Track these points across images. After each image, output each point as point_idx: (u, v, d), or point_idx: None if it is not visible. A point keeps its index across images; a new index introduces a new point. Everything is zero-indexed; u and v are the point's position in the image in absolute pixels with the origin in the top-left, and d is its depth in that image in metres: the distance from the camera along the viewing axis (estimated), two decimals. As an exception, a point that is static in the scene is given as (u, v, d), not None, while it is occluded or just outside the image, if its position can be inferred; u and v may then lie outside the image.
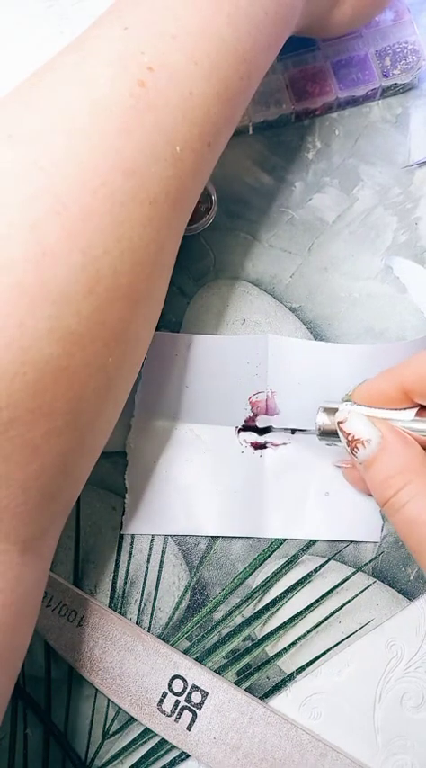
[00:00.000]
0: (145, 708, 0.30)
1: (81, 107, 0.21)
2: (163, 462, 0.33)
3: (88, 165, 0.21)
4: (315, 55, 0.36)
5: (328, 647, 0.32)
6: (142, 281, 0.23)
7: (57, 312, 0.20)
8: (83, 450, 0.24)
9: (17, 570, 0.23)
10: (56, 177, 0.20)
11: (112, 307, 0.22)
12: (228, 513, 0.32)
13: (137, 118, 0.22)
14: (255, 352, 0.33)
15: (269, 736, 0.30)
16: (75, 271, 0.21)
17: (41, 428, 0.21)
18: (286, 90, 0.35)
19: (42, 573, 0.25)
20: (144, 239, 0.23)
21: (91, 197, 0.21)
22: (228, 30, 0.24)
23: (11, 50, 0.38)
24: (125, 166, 0.22)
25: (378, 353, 0.32)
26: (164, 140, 0.23)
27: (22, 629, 0.24)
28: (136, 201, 0.22)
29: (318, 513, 0.32)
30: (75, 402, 0.22)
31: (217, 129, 0.25)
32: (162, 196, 0.23)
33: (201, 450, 0.33)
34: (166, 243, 0.24)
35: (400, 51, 0.35)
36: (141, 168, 0.22)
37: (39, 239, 0.20)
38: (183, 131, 0.23)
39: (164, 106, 0.23)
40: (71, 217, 0.20)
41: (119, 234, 0.22)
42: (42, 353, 0.20)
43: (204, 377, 0.33)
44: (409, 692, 0.31)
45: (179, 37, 0.23)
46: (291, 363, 0.33)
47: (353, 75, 0.35)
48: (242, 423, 0.33)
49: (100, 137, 0.21)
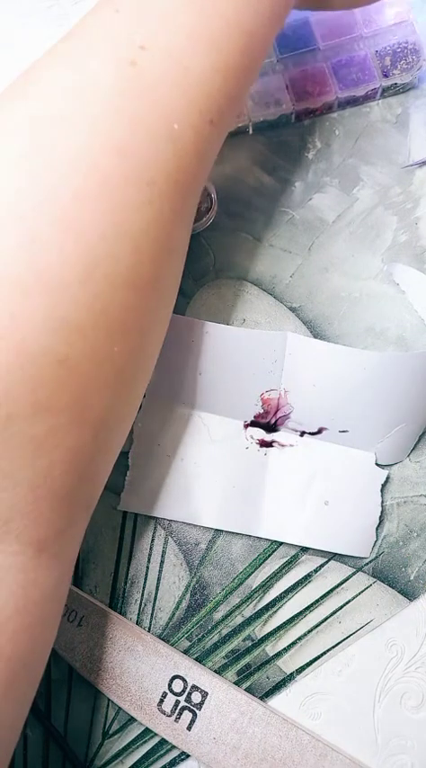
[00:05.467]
0: (145, 708, 0.30)
1: (68, 91, 0.21)
2: (167, 446, 0.33)
3: (78, 149, 0.20)
4: (315, 55, 0.36)
5: (328, 647, 0.32)
6: (145, 267, 0.22)
7: (53, 301, 0.20)
8: (95, 448, 0.23)
9: (31, 573, 0.22)
10: (44, 163, 0.20)
11: (114, 294, 0.21)
12: (225, 507, 0.32)
13: (129, 97, 0.21)
14: (272, 349, 0.32)
15: (269, 736, 0.30)
16: (69, 257, 0.20)
17: (44, 423, 0.20)
18: (286, 90, 0.35)
19: (61, 577, 0.24)
20: (144, 223, 0.22)
21: (82, 180, 0.20)
22: (226, 2, 0.23)
23: (11, 50, 0.38)
24: (118, 147, 0.21)
25: (398, 363, 0.31)
26: (160, 118, 0.22)
27: (40, 634, 0.23)
28: (132, 183, 0.21)
29: (314, 522, 0.32)
30: (79, 395, 0.21)
31: (218, 106, 0.24)
32: (161, 177, 0.22)
33: (207, 440, 0.33)
34: (171, 227, 0.23)
35: (400, 51, 0.35)
36: (136, 148, 0.21)
37: (28, 227, 0.19)
38: (181, 108, 0.22)
39: (159, 84, 0.22)
40: (62, 202, 0.20)
41: (115, 218, 0.21)
42: (39, 345, 0.20)
43: (218, 367, 0.32)
44: (409, 692, 0.31)
45: (173, 14, 0.22)
46: (308, 364, 0.32)
47: (353, 75, 0.35)
48: (251, 418, 0.33)
49: (89, 119, 0.21)
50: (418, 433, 0.33)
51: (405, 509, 0.33)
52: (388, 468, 0.33)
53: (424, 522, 0.33)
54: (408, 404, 0.31)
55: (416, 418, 0.32)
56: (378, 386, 0.31)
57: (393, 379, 0.31)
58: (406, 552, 0.32)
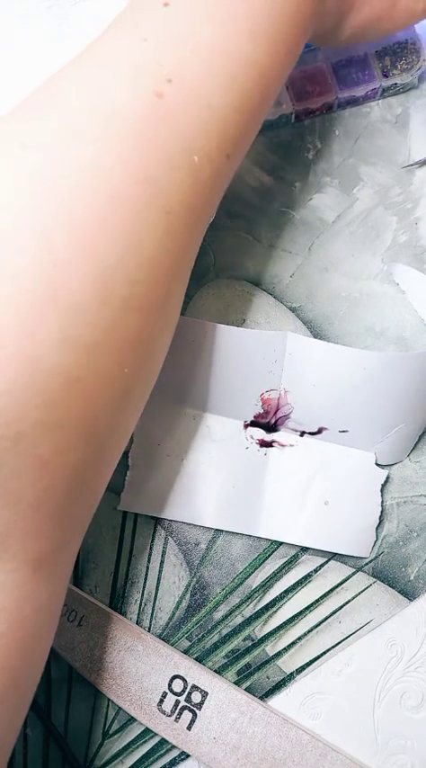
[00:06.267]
0: (145, 708, 0.30)
1: (96, 116, 0.21)
2: (167, 446, 0.33)
3: (101, 174, 0.21)
4: (315, 55, 0.36)
5: (328, 647, 0.32)
6: (159, 292, 0.23)
7: (70, 323, 0.20)
8: (98, 465, 0.23)
9: (28, 589, 0.22)
10: (68, 186, 0.20)
11: (128, 317, 0.22)
12: (225, 507, 0.32)
13: (153, 128, 0.22)
14: (272, 349, 0.32)
15: (269, 736, 0.30)
16: (88, 281, 0.20)
17: (53, 442, 0.20)
18: (286, 90, 0.35)
19: (56, 592, 0.24)
20: (160, 250, 0.22)
21: (104, 206, 0.21)
22: (248, 45, 0.24)
23: (11, 51, 0.38)
24: (140, 175, 0.21)
25: (398, 363, 0.31)
26: (182, 150, 0.22)
27: (35, 650, 0.23)
28: (152, 211, 0.22)
29: (314, 522, 0.32)
30: (88, 415, 0.21)
31: (235, 141, 0.24)
32: (179, 206, 0.23)
33: (206, 440, 0.33)
34: (184, 253, 0.24)
35: (400, 51, 0.35)
36: (157, 177, 0.22)
37: (49, 248, 0.20)
38: (201, 142, 0.23)
39: (182, 117, 0.22)
40: (83, 226, 0.20)
41: (134, 244, 0.21)
42: (53, 364, 0.20)
43: (218, 367, 0.32)
44: (409, 692, 0.31)
45: (198, 50, 0.23)
46: (308, 364, 0.32)
47: (353, 75, 0.35)
48: (251, 418, 0.33)
49: (114, 146, 0.21)
50: (418, 433, 0.33)
51: (405, 509, 0.33)
52: (388, 468, 0.33)
53: (424, 522, 0.33)
54: (408, 404, 0.31)
55: (416, 418, 0.32)
56: (378, 386, 0.31)
57: (393, 379, 0.31)
58: (406, 552, 0.32)
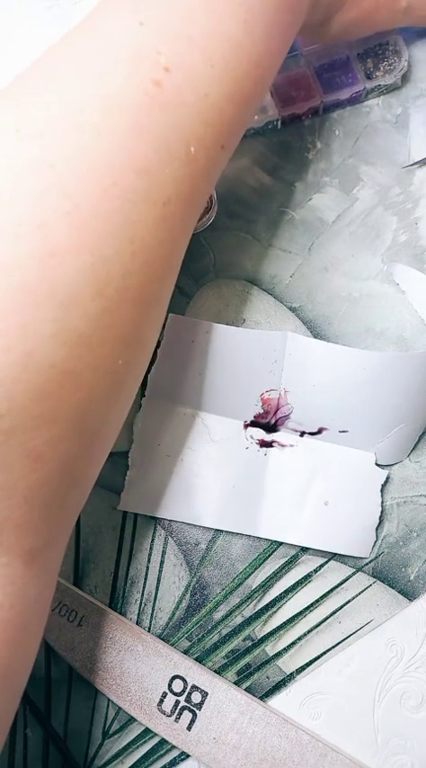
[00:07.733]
0: (145, 708, 0.30)
1: (93, 103, 0.21)
2: (167, 446, 0.33)
3: (99, 164, 0.20)
4: (298, 60, 0.36)
5: (328, 647, 0.32)
6: (153, 283, 0.23)
7: (64, 314, 0.20)
8: (90, 457, 0.23)
9: (20, 585, 0.22)
10: (65, 175, 0.20)
11: (122, 309, 0.21)
12: (225, 507, 0.32)
13: (151, 117, 0.21)
14: (272, 349, 0.32)
15: (269, 736, 0.30)
16: (84, 272, 0.20)
17: (45, 435, 0.20)
18: (271, 96, 0.35)
19: (47, 587, 0.24)
20: (156, 240, 0.22)
21: (102, 196, 0.20)
22: (244, 34, 0.24)
23: (11, 51, 0.38)
24: (137, 165, 0.21)
25: (398, 363, 0.31)
26: (179, 140, 0.22)
27: (25, 645, 0.23)
28: (148, 201, 0.21)
29: (314, 522, 0.32)
30: (81, 407, 0.21)
31: (230, 132, 0.24)
32: (175, 196, 0.22)
33: (206, 440, 0.33)
34: (177, 244, 0.24)
35: (382, 53, 0.35)
36: (154, 168, 0.22)
37: (46, 239, 0.19)
38: (198, 132, 0.23)
39: (180, 107, 0.22)
40: (81, 216, 0.20)
41: (130, 234, 0.21)
42: (47, 357, 0.19)
43: (218, 367, 0.32)
44: (409, 692, 0.31)
45: (196, 39, 0.23)
46: (308, 364, 0.32)
47: (337, 78, 0.35)
48: (251, 418, 0.33)
49: (112, 134, 0.21)
50: (418, 433, 0.33)
51: (405, 509, 0.33)
52: (388, 468, 0.33)
53: (424, 522, 0.33)
54: (408, 404, 0.31)
55: (416, 418, 0.32)
56: (378, 386, 0.31)
57: (393, 379, 0.31)
58: (406, 552, 0.32)
